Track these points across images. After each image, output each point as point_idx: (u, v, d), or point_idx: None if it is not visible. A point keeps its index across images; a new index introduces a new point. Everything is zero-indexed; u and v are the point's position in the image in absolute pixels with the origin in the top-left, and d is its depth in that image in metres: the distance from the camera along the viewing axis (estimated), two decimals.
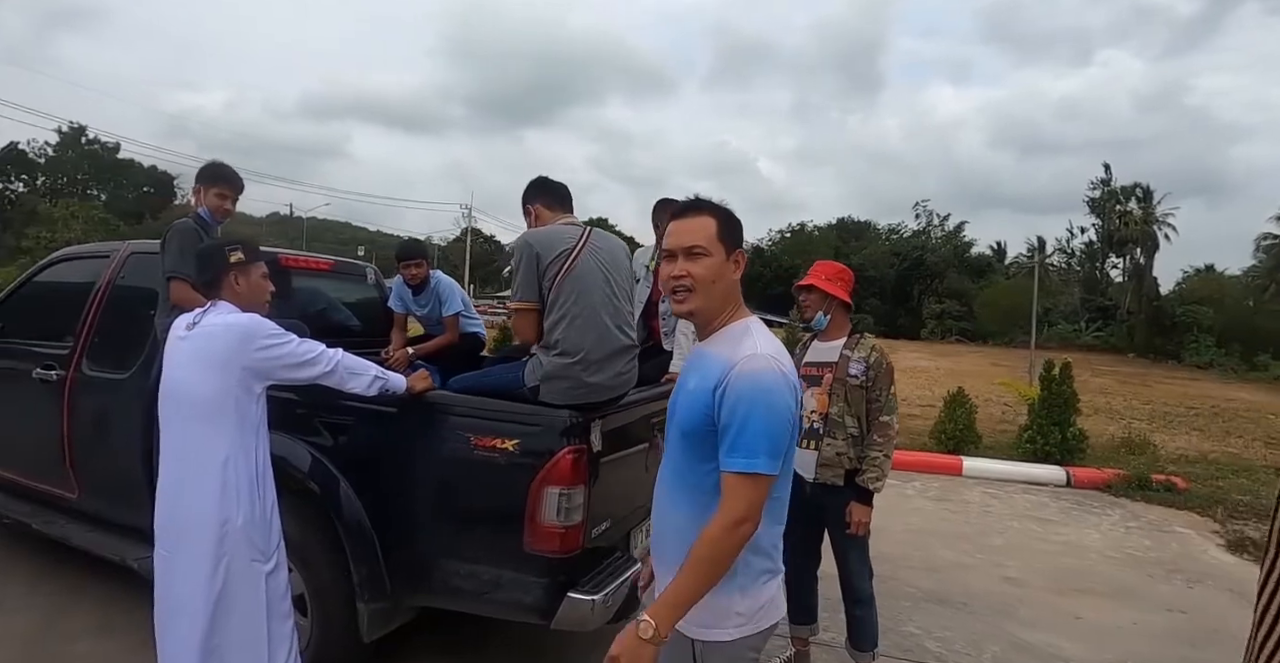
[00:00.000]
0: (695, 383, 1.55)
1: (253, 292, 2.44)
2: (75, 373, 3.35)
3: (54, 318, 3.69)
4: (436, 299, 4.06)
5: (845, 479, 2.91)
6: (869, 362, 2.94)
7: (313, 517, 2.65)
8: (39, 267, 3.96)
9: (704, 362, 1.57)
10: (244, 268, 2.42)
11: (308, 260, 3.88)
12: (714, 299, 1.58)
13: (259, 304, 2.44)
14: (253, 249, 2.49)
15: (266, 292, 2.48)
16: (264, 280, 2.46)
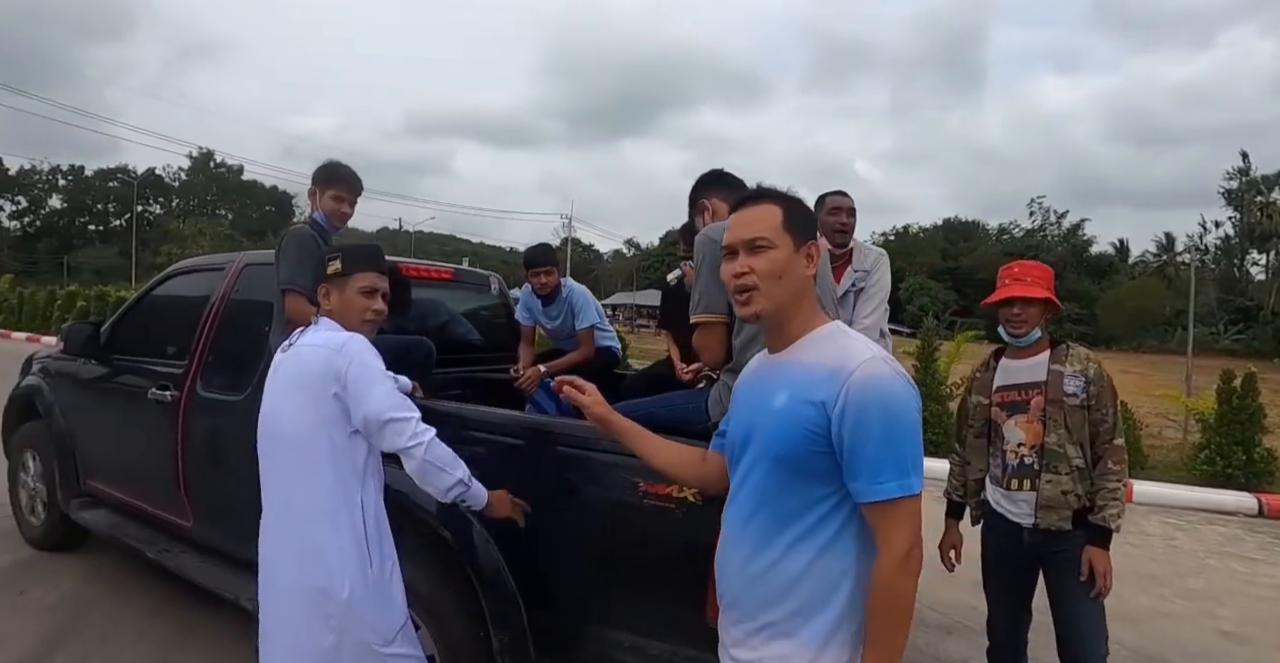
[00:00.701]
0: (786, 398, 1.33)
1: (342, 309, 2.03)
2: (189, 394, 3.12)
3: (169, 335, 3.51)
4: (569, 310, 3.65)
5: (1073, 520, 2.37)
6: (1088, 376, 2.40)
7: (444, 567, 2.26)
8: (156, 280, 3.80)
9: (792, 374, 1.36)
10: (337, 281, 2.05)
11: (428, 270, 3.56)
12: (784, 298, 1.38)
13: (355, 325, 2.03)
14: (358, 257, 2.07)
15: (362, 310, 2.03)
16: (361, 296, 2.03)
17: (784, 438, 1.31)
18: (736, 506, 1.43)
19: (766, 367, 1.45)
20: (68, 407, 3.94)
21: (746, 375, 1.53)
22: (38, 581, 3.77)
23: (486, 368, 3.66)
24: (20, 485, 4.30)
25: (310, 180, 2.93)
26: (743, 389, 1.50)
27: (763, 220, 1.40)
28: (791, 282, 1.38)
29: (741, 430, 1.43)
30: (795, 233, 1.39)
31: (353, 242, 2.29)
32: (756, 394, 1.42)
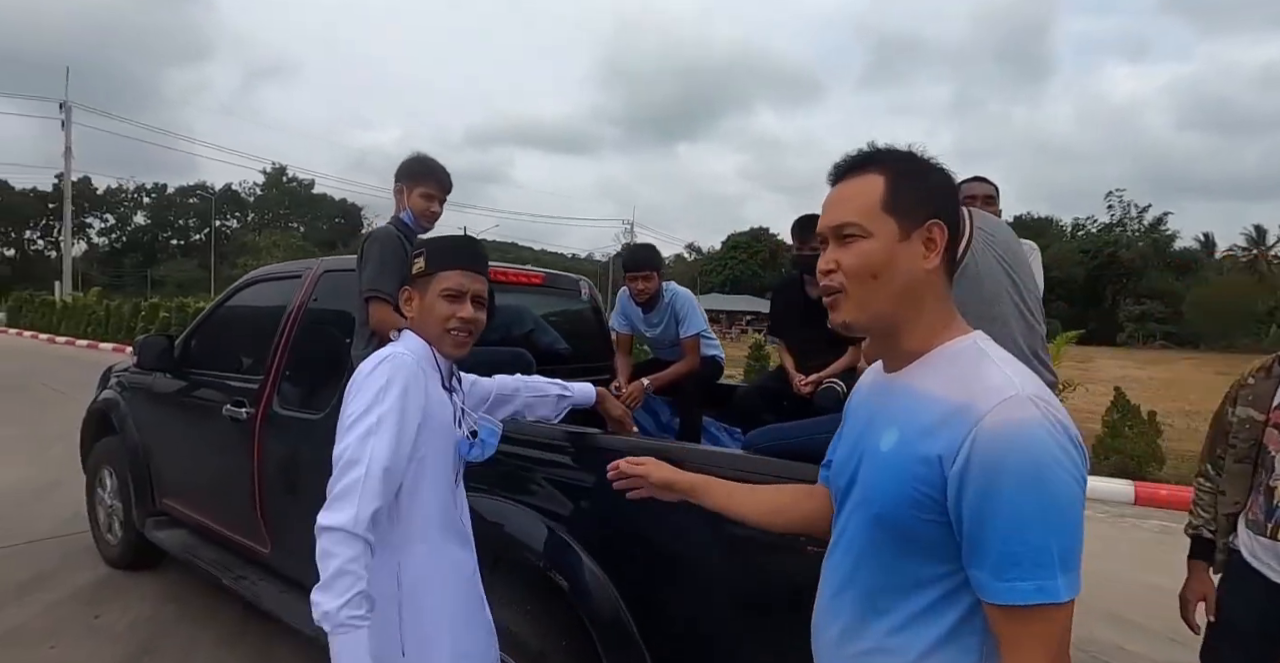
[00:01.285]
0: (895, 441, 0.99)
1: (421, 317, 1.64)
2: (265, 411, 2.90)
3: (245, 348, 3.31)
4: (672, 316, 3.31)
5: None
6: None
7: (553, 618, 1.94)
8: (231, 290, 3.61)
9: (904, 405, 1.00)
10: (420, 282, 1.64)
11: (517, 274, 3.27)
12: (884, 304, 1.01)
13: (436, 337, 1.63)
14: (445, 251, 1.65)
15: (443, 318, 1.60)
16: (443, 301, 1.60)
17: (887, 495, 0.98)
18: (833, 563, 1.12)
19: (883, 384, 1.09)
20: (143, 422, 3.80)
21: (861, 389, 1.18)
22: (113, 602, 3.64)
23: (579, 380, 3.35)
24: (97, 502, 4.20)
25: (394, 178, 2.67)
26: (855, 406, 1.17)
27: (854, 198, 1.03)
28: (894, 281, 1.00)
29: (847, 464, 1.10)
30: (903, 212, 1.00)
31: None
32: (865, 422, 1.09)
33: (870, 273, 1.00)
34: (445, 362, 1.67)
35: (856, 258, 1.01)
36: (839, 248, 1.03)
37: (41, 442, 7.22)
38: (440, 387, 1.62)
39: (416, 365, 1.54)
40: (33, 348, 21.40)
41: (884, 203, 1.01)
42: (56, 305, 27.37)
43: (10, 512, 5.01)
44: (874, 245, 1.00)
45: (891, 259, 0.99)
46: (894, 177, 1.02)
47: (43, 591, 3.72)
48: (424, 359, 1.59)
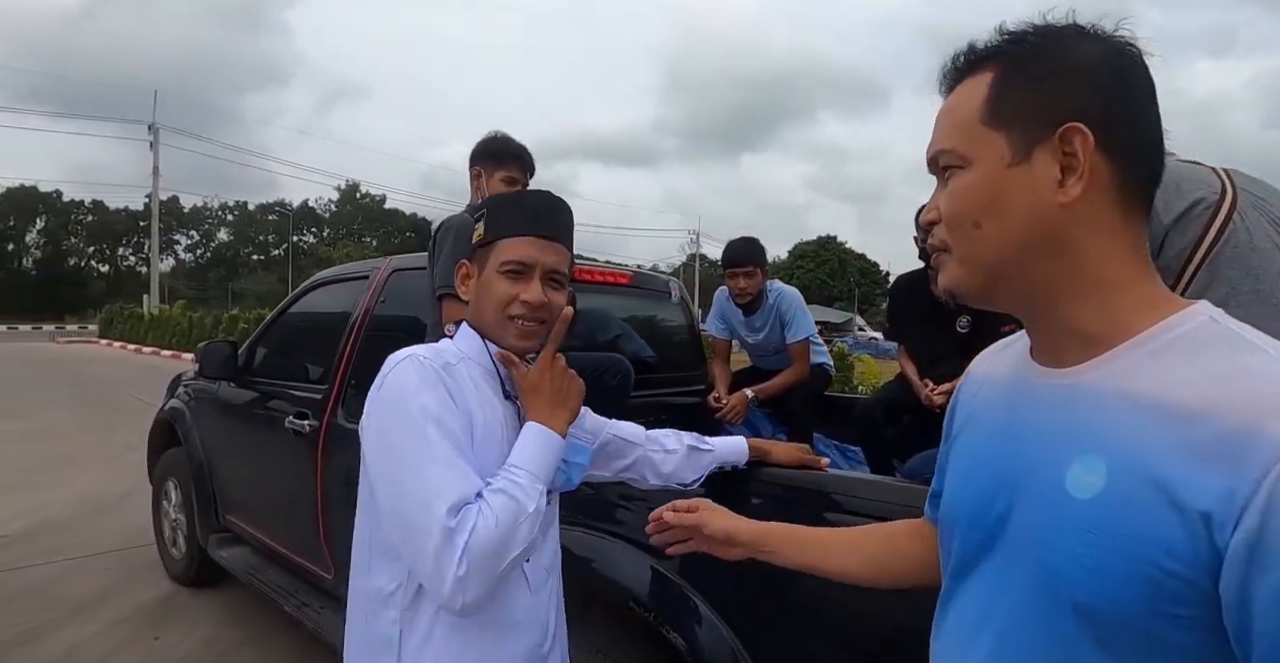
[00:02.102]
0: (1102, 482, 0.60)
1: (477, 296, 1.21)
2: (329, 424, 2.64)
3: (309, 355, 3.08)
4: (777, 319, 2.93)
5: None
6: None
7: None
8: (297, 293, 3.40)
9: (1108, 419, 0.62)
10: (479, 253, 1.22)
11: (602, 273, 2.95)
12: (994, 260, 0.68)
13: (494, 328, 1.18)
14: (513, 210, 1.21)
15: (502, 302, 1.16)
16: (502, 278, 1.16)
17: (1099, 574, 0.60)
18: (955, 637, 0.76)
19: (1040, 384, 0.72)
20: (207, 433, 3.61)
21: (982, 383, 0.83)
22: (174, 623, 3.46)
23: (667, 391, 3.01)
24: (163, 515, 4.05)
25: (470, 161, 2.38)
26: (978, 411, 0.80)
27: (950, 114, 0.72)
28: (1009, 226, 0.67)
29: (986, 504, 0.72)
30: (1014, 120, 0.67)
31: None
32: (1013, 441, 0.71)
33: (971, 219, 0.68)
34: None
35: (953, 199, 0.70)
36: (941, 187, 0.73)
37: (118, 450, 7.26)
38: (499, 395, 1.18)
39: (444, 369, 1.09)
40: (121, 358, 22.27)
41: (985, 111, 0.68)
42: (144, 317, 28.51)
43: (81, 522, 4.96)
44: (973, 177, 0.68)
45: (999, 194, 0.67)
46: (1006, 68, 0.68)
47: (105, 608, 3.58)
48: (473, 359, 1.18)
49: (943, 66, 0.74)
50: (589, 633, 1.57)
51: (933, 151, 0.73)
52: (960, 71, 0.72)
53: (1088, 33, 0.68)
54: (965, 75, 0.72)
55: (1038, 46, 0.68)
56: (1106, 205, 0.65)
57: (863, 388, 8.67)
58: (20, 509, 5.23)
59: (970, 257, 0.70)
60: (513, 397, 1.20)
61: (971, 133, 0.69)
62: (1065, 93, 0.65)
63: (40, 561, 4.20)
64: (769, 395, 2.83)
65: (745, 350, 3.23)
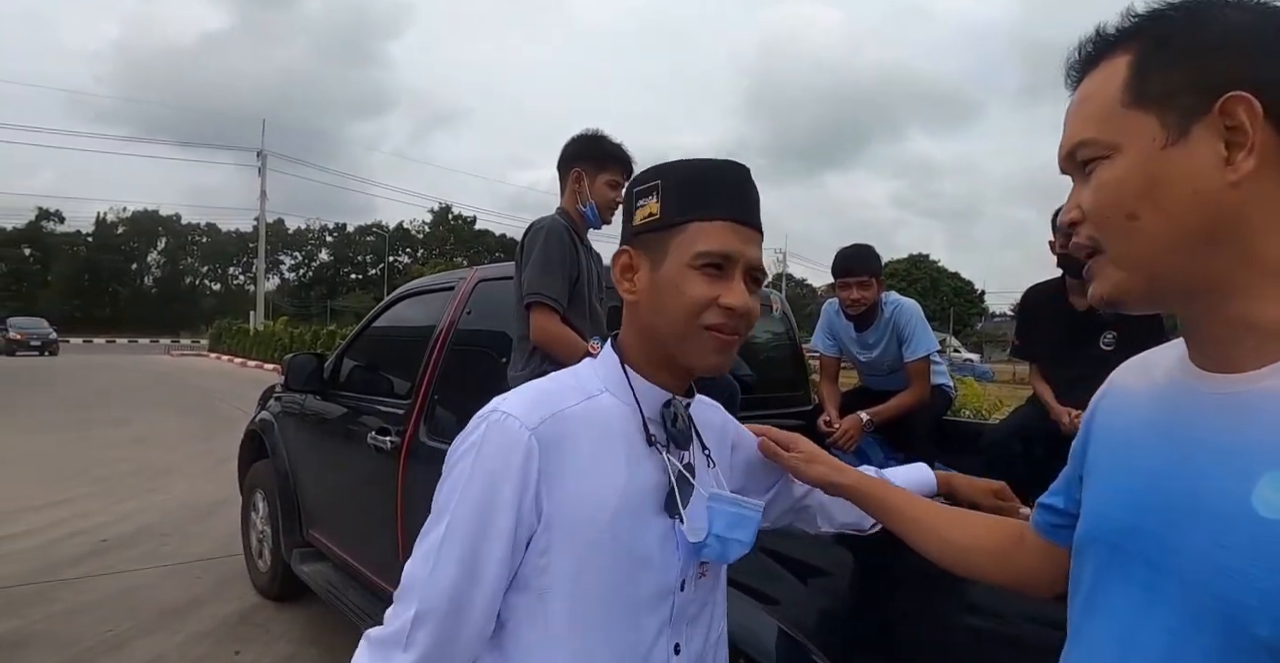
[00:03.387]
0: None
1: (656, 297, 0.91)
2: (411, 440, 2.52)
3: (393, 368, 2.99)
4: (893, 335, 2.66)
5: None
6: None
7: None
8: (382, 305, 3.33)
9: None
10: (651, 240, 0.92)
11: None
12: (1158, 257, 0.61)
13: (680, 334, 0.90)
14: (708, 184, 0.91)
15: (698, 303, 0.88)
16: (698, 276, 0.88)
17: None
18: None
19: (1205, 394, 0.63)
20: (293, 446, 3.58)
21: (1122, 393, 0.74)
22: (255, 636, 3.42)
23: (767, 413, 2.78)
24: (250, 526, 4.06)
25: (563, 161, 2.22)
26: (1127, 424, 0.71)
27: (1085, 102, 0.66)
28: (1173, 215, 0.59)
29: (1123, 522, 0.65)
30: (1164, 96, 0.60)
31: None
32: (1174, 455, 0.63)
33: (1124, 212, 0.62)
34: (669, 389, 0.94)
35: (1098, 194, 0.63)
36: (1081, 184, 0.66)
37: (217, 460, 7.48)
38: (642, 441, 0.91)
39: (546, 430, 0.85)
40: (228, 370, 23.45)
41: (1127, 92, 0.62)
42: (250, 333, 30.00)
43: (176, 529, 5.08)
44: (1122, 165, 0.62)
45: (1156, 180, 0.60)
46: (1148, 45, 0.62)
47: (189, 619, 3.58)
48: (613, 401, 0.91)
49: (1069, 57, 0.68)
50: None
51: (1068, 146, 0.66)
52: (1090, 59, 0.67)
53: (1232, 3, 0.62)
54: (1097, 62, 0.66)
55: (1180, 20, 0.62)
56: (1262, 187, 0.58)
57: (967, 412, 8.18)
58: (121, 514, 5.42)
59: (1128, 255, 0.62)
60: (660, 444, 0.91)
61: (1114, 118, 0.62)
62: (1221, 61, 0.59)
63: (133, 566, 4.29)
64: (885, 419, 2.55)
65: (856, 369, 2.96)
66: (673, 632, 0.91)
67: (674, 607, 0.91)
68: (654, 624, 0.89)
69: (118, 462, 7.31)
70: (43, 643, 3.26)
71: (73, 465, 7.03)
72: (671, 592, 0.91)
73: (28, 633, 3.35)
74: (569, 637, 0.86)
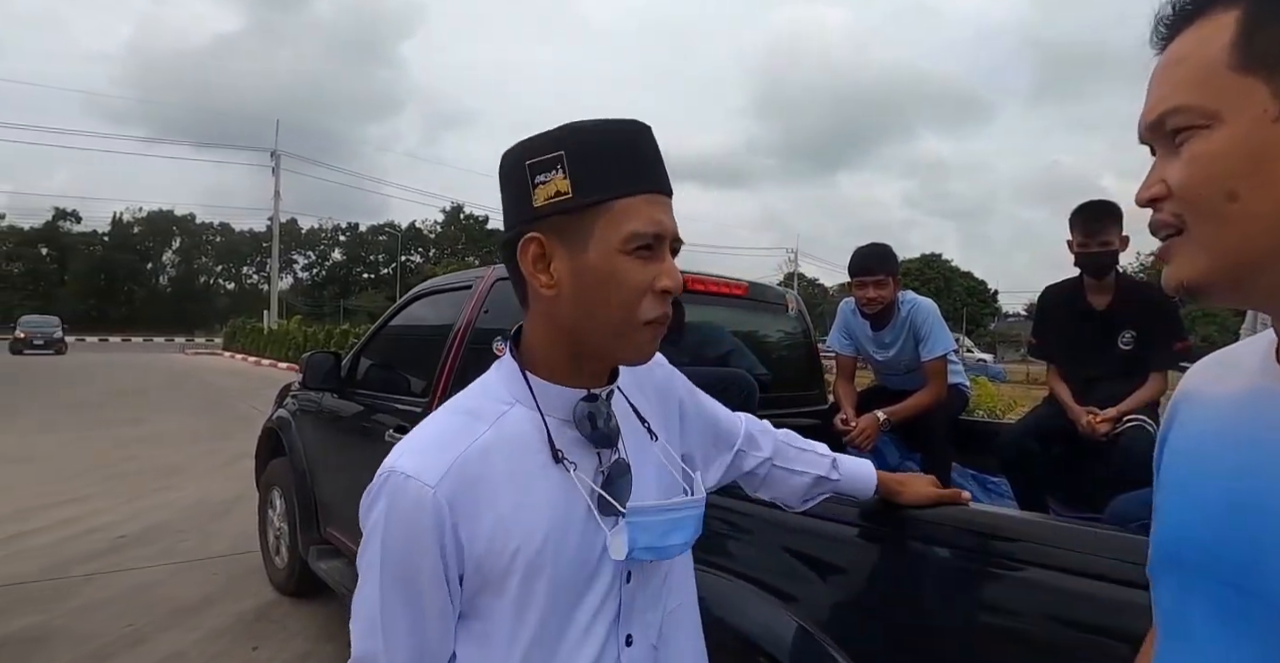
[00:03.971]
0: None
1: (584, 292, 0.82)
2: None
3: (411, 366, 3.00)
4: (910, 334, 2.65)
5: None
6: None
7: None
8: (400, 303, 3.35)
9: None
10: (560, 222, 0.80)
11: (719, 284, 2.74)
12: (1256, 243, 0.53)
13: (615, 330, 0.83)
14: (619, 151, 0.81)
15: (636, 291, 0.81)
16: (631, 260, 0.80)
17: None
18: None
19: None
20: (310, 444, 3.60)
21: (1204, 405, 0.66)
22: (273, 633, 3.44)
23: (782, 412, 2.77)
24: (268, 524, 4.09)
25: None
26: (1204, 441, 0.63)
27: (1182, 63, 0.58)
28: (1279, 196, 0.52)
29: (1206, 543, 0.59)
30: (1276, 60, 0.53)
31: None
32: (1265, 468, 0.56)
33: (1223, 191, 0.54)
34: (587, 386, 0.87)
35: (1192, 168, 0.56)
36: (1167, 156, 0.58)
37: (231, 457, 7.53)
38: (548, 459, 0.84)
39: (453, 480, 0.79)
40: (242, 369, 23.61)
41: (1237, 53, 0.54)
42: (264, 332, 30.21)
43: (193, 526, 5.11)
44: (1223, 137, 0.54)
45: (1264, 154, 0.53)
46: (1257, 1, 0.55)
47: (207, 615, 3.61)
48: (525, 413, 0.85)
49: (1159, 12, 0.60)
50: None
51: (1158, 112, 0.58)
52: (1186, 14, 0.58)
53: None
54: (1193, 18, 0.58)
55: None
56: None
57: (981, 413, 8.14)
58: (138, 510, 5.46)
59: (1221, 239, 0.55)
60: (566, 461, 0.84)
61: (1217, 82, 0.55)
62: None
63: (151, 563, 4.32)
64: (901, 418, 2.54)
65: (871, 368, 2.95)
66: (623, 625, 0.87)
67: (621, 603, 0.87)
68: (602, 629, 0.85)
69: (131, 460, 7.37)
70: (63, 638, 3.28)
71: (86, 464, 7.09)
72: (617, 592, 0.86)
73: (48, 628, 3.38)
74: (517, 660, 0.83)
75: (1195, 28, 0.58)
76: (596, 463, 0.86)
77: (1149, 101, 0.60)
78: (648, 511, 0.83)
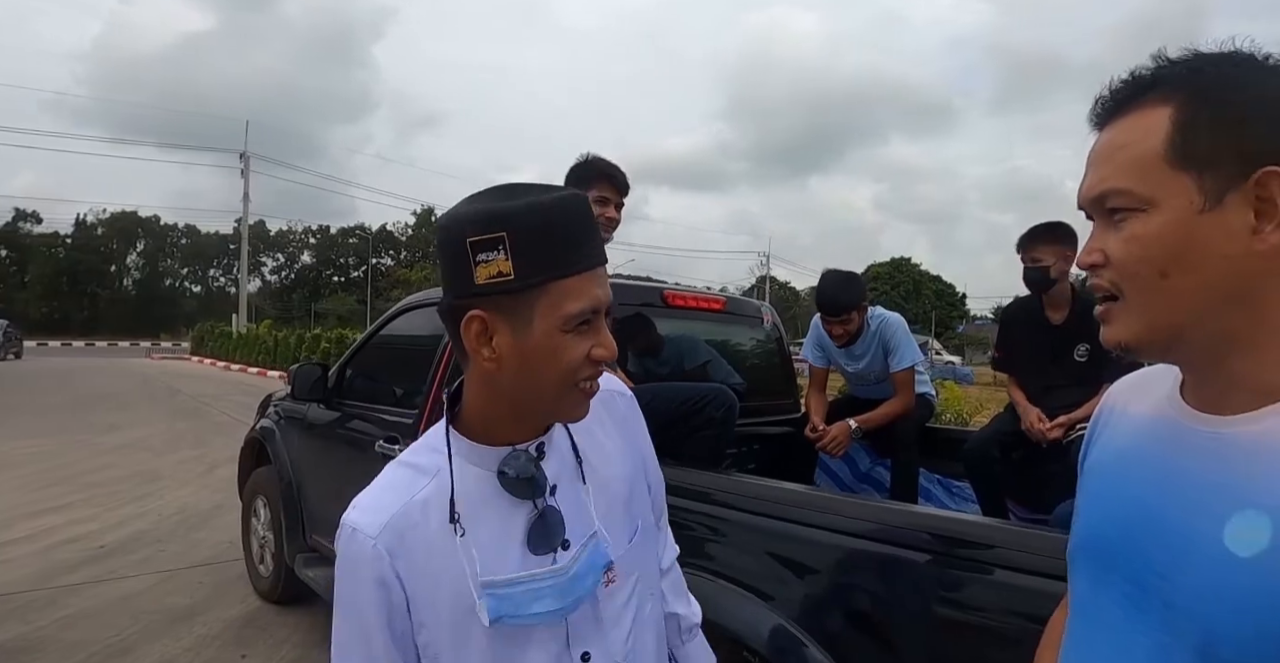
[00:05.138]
0: (1267, 541, 0.57)
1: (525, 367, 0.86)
2: None
3: (399, 378, 3.09)
4: (880, 347, 2.80)
5: None
6: None
7: None
8: (386, 317, 3.43)
9: (1273, 475, 0.59)
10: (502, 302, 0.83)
11: (696, 299, 2.86)
12: (1181, 314, 0.63)
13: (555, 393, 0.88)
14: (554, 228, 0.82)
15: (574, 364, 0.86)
16: (572, 338, 0.85)
17: (1266, 640, 0.57)
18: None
19: (1198, 430, 0.67)
20: (296, 454, 3.67)
21: (1123, 424, 0.77)
22: (261, 640, 3.49)
23: (758, 420, 2.91)
24: (252, 532, 4.13)
25: (565, 181, 2.35)
26: (1122, 453, 0.74)
27: (1122, 149, 0.65)
28: (1202, 277, 0.62)
29: (1113, 540, 0.70)
30: (1205, 160, 0.61)
31: None
32: (1162, 484, 0.67)
33: (1156, 269, 0.63)
34: (520, 441, 0.93)
35: (1130, 246, 0.64)
36: (1105, 229, 0.67)
37: (210, 465, 7.52)
38: (504, 498, 0.91)
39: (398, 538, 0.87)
40: (211, 374, 23.30)
41: (1170, 150, 0.62)
42: (233, 336, 29.81)
43: (174, 535, 5.13)
44: (1157, 223, 0.63)
45: (1190, 242, 0.62)
46: (1189, 102, 0.63)
47: (194, 623, 3.65)
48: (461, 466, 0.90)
49: (1099, 96, 0.68)
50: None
51: (1099, 190, 0.66)
52: (1123, 102, 0.66)
53: (1266, 64, 0.63)
54: (1129, 106, 0.66)
55: (1221, 79, 0.62)
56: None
57: (948, 416, 8.35)
58: (119, 519, 5.46)
59: (1153, 310, 0.64)
60: (460, 528, 0.87)
61: (1155, 174, 0.63)
62: (1260, 133, 0.61)
63: (135, 572, 4.34)
64: (872, 427, 2.70)
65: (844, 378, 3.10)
66: (575, 646, 0.92)
67: (569, 630, 0.92)
68: (548, 653, 0.90)
69: (108, 469, 7.32)
70: (51, 648, 3.31)
71: (63, 472, 7.04)
72: (563, 623, 0.91)
73: (35, 639, 3.40)
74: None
75: (1133, 117, 0.65)
76: (530, 509, 0.90)
77: (1091, 178, 0.68)
78: (498, 584, 0.86)
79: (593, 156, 2.37)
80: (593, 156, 2.37)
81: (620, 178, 2.33)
